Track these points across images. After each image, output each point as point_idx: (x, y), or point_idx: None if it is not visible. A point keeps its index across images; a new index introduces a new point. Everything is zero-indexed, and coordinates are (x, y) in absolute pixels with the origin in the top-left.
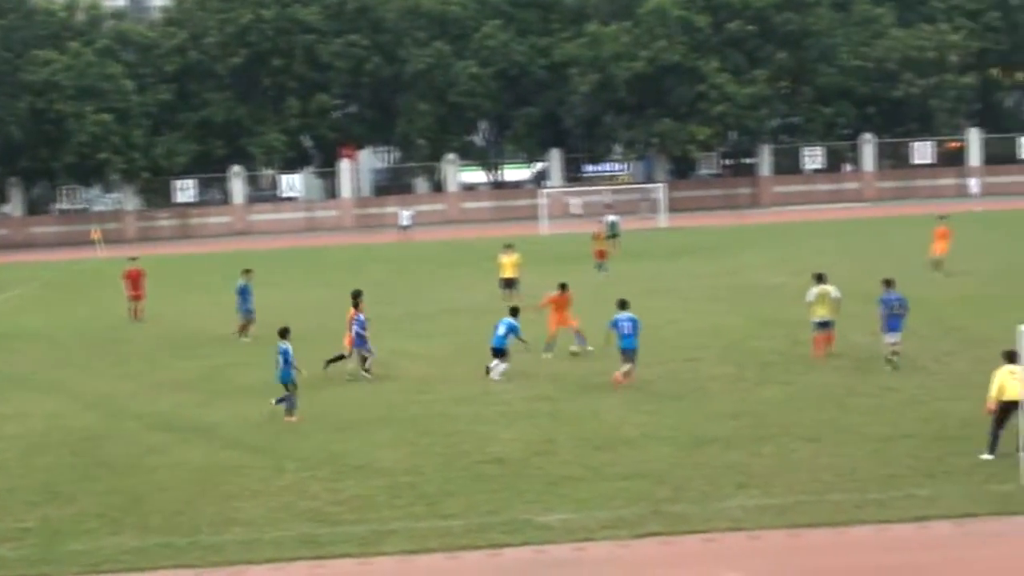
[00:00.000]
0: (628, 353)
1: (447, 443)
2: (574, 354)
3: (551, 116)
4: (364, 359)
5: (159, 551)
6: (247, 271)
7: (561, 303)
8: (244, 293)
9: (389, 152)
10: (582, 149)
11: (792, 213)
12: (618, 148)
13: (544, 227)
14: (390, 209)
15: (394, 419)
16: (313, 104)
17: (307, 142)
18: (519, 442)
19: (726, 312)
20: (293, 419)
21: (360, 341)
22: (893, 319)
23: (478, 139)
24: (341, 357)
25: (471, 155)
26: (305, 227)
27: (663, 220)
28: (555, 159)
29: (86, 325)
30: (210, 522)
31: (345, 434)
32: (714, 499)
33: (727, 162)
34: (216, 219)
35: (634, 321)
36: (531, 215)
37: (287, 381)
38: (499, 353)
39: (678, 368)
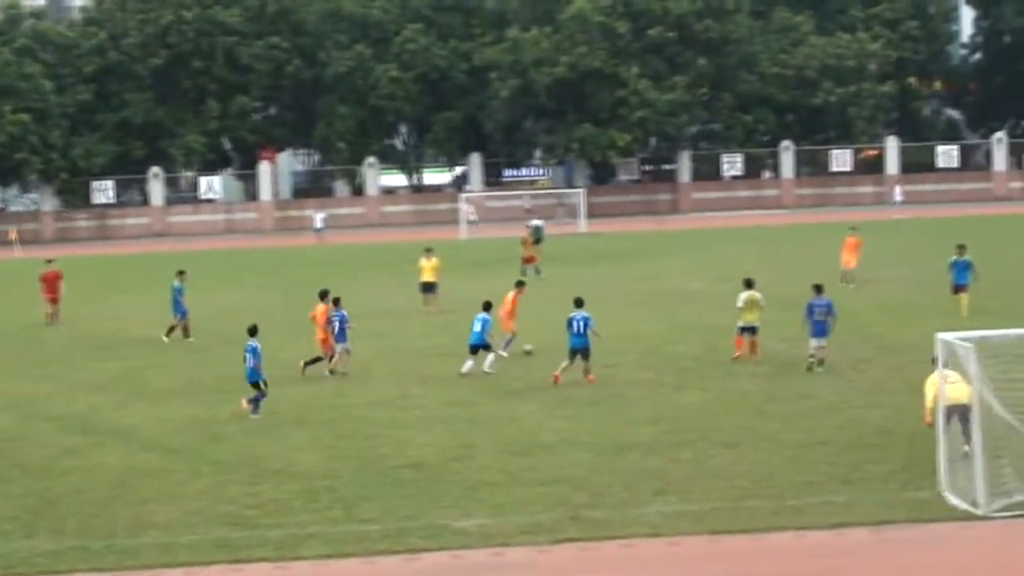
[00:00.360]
0: (576, 351)
1: (365, 447)
2: (528, 353)
3: (471, 120)
4: (332, 356)
5: (74, 554)
6: (181, 272)
7: (516, 302)
8: (178, 294)
9: (309, 155)
10: (502, 153)
11: (711, 219)
12: (538, 153)
13: (464, 231)
14: (310, 212)
15: (312, 422)
16: (233, 106)
17: (227, 144)
18: (437, 447)
19: (645, 318)
20: (258, 417)
21: (342, 337)
22: (817, 324)
23: (398, 143)
24: (319, 359)
25: (391, 158)
26: (224, 229)
27: (582, 225)
28: (475, 163)
29: (2, 326)
30: (126, 526)
31: (262, 437)
32: (632, 505)
33: (647, 168)
34: (135, 220)
35: (587, 320)
36: (451, 219)
37: (256, 379)
38: (478, 349)
39: (597, 373)
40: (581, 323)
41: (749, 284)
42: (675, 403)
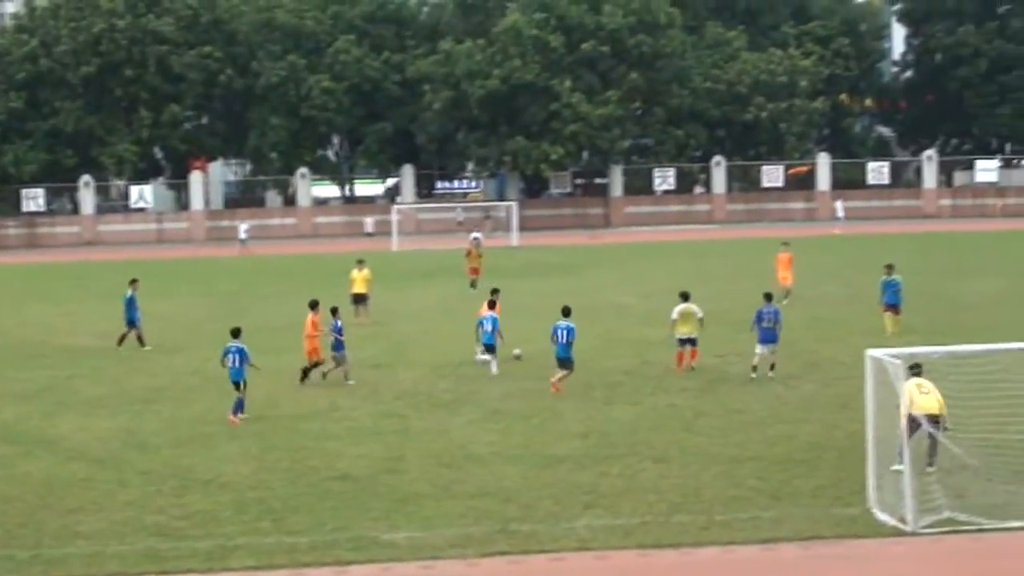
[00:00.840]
0: (561, 361)
1: (294, 458)
2: (517, 358)
3: (404, 132)
4: (338, 364)
5: (0, 564)
6: (134, 281)
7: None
8: (130, 303)
9: (241, 165)
10: (435, 165)
11: (643, 234)
12: (471, 165)
13: (396, 243)
14: (240, 223)
15: (240, 434)
16: (165, 115)
17: (158, 153)
18: (367, 459)
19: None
20: (236, 420)
21: (339, 346)
22: (766, 331)
23: (331, 153)
24: (316, 365)
25: (323, 169)
26: (156, 239)
27: (514, 238)
28: (407, 175)
29: None
30: (53, 535)
31: (190, 448)
32: (562, 519)
33: (579, 181)
34: (65, 229)
35: (570, 329)
36: (383, 231)
37: (239, 379)
38: (493, 348)
39: (528, 387)
40: (564, 332)
41: (685, 297)
42: (605, 417)
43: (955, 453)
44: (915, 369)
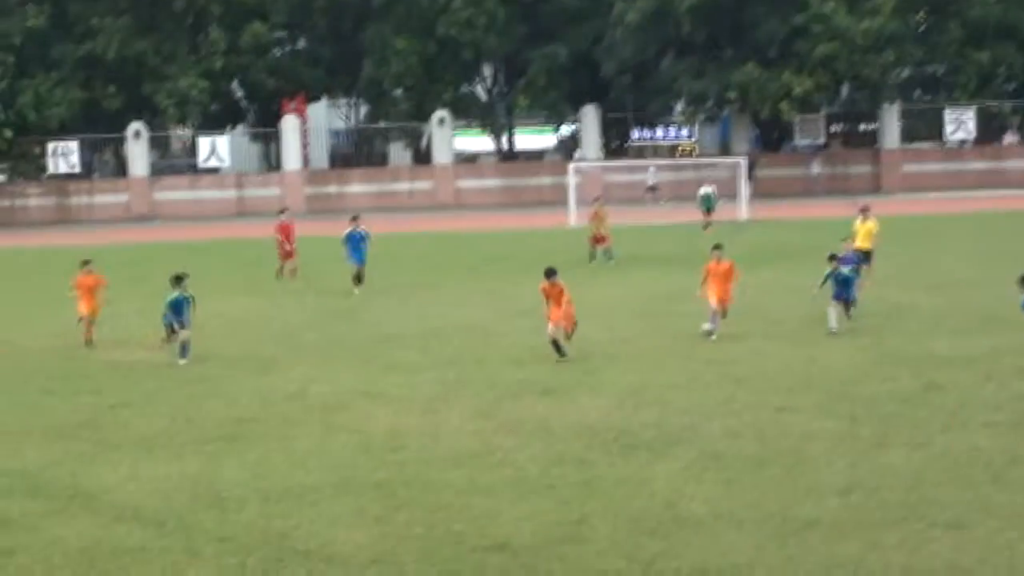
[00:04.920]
0: None
1: (430, 521)
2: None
3: (585, 59)
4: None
5: None
6: (179, 278)
7: (551, 294)
8: (178, 308)
9: (354, 106)
10: (628, 106)
11: (928, 203)
12: (680, 105)
13: (572, 215)
14: (355, 188)
15: (355, 485)
16: (246, 37)
17: (237, 91)
18: (534, 522)
19: (831, 343)
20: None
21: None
22: None
23: (480, 90)
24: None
25: (470, 113)
26: (234, 210)
27: (743, 208)
28: (590, 120)
29: None
30: None
31: (286, 505)
32: None
33: (836, 128)
34: (108, 198)
35: None
36: (556, 199)
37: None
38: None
39: (763, 420)
40: None
41: None
42: (874, 464)
43: None
44: None
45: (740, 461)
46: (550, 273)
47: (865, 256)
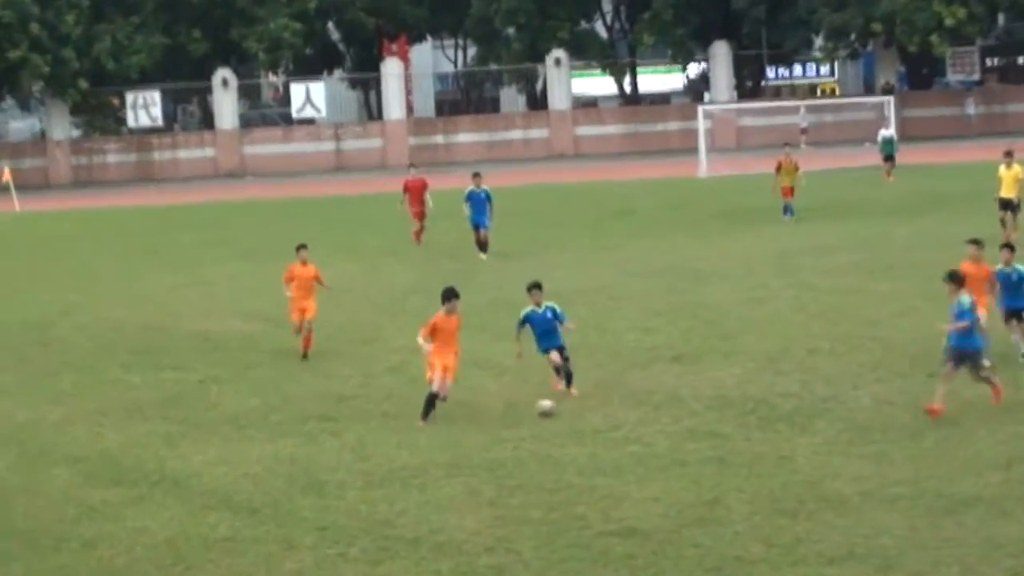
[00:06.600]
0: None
1: (549, 504)
2: None
3: None
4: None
5: None
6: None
7: (444, 330)
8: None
9: (461, 47)
10: (763, 43)
11: None
12: (819, 40)
13: (703, 165)
14: (463, 138)
15: (466, 466)
16: None
17: (333, 33)
18: (663, 504)
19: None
20: None
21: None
22: None
23: (600, 27)
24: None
25: (589, 52)
26: (332, 165)
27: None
28: (720, 59)
29: None
30: None
31: (391, 489)
32: None
33: (993, 63)
34: (193, 152)
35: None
36: (684, 146)
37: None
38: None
39: (916, 388)
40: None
41: None
42: None
43: None
44: None
45: (891, 433)
46: (449, 296)
47: (1008, 205)
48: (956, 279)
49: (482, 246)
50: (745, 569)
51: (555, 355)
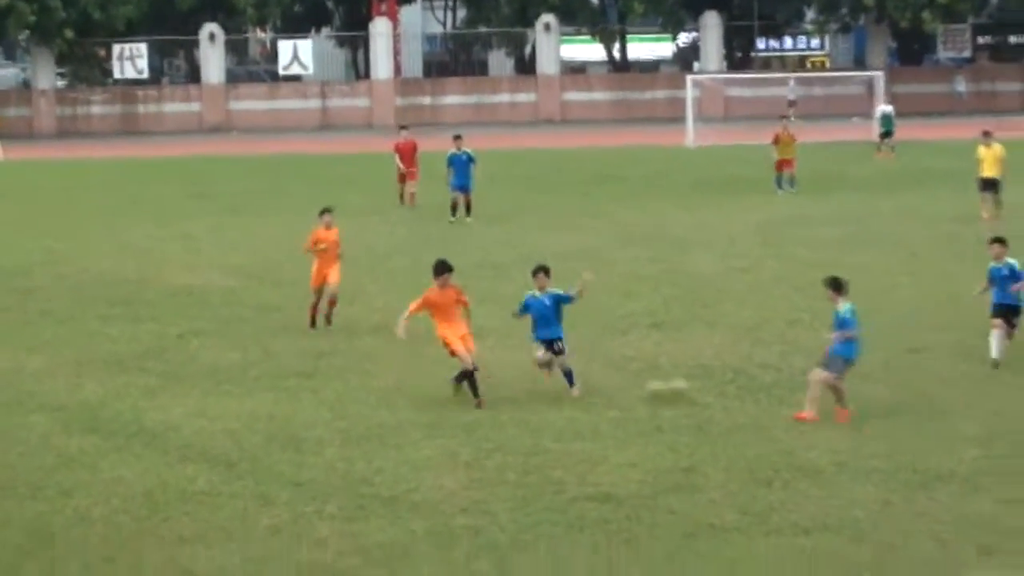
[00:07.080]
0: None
1: (525, 467)
2: None
3: None
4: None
5: None
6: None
7: (441, 303)
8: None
9: (451, 9)
10: (753, 13)
11: None
12: (810, 13)
13: (691, 134)
14: (450, 100)
15: (444, 427)
16: None
17: None
18: (640, 469)
19: (966, 275)
20: None
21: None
22: None
23: None
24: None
25: (579, 18)
26: (318, 123)
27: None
28: (711, 28)
29: None
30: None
31: (368, 447)
32: (943, 569)
33: (984, 40)
34: (178, 106)
35: (1012, 269)
36: (672, 115)
37: None
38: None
39: (895, 363)
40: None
41: None
42: (1018, 412)
43: None
44: None
45: (868, 407)
46: (440, 270)
47: (991, 184)
48: (836, 286)
49: (464, 208)
50: (719, 536)
51: (541, 351)
